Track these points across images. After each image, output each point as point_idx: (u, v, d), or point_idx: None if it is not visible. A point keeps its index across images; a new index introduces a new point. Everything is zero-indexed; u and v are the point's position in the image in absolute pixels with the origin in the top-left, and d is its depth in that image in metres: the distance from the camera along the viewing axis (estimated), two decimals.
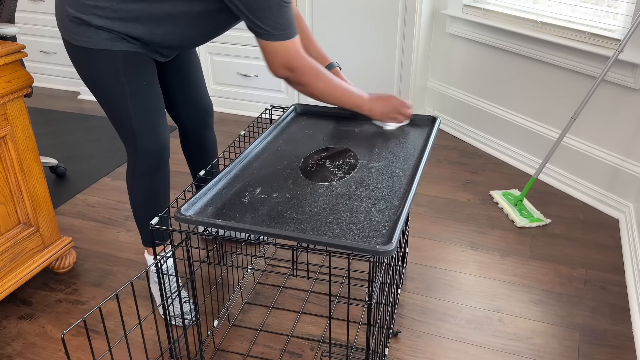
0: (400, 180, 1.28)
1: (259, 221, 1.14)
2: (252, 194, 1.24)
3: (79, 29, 1.37)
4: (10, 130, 1.59)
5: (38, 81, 3.78)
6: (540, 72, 2.40)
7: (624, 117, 2.11)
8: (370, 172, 1.32)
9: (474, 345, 1.56)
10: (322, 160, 1.39)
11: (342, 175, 1.31)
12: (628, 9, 2.05)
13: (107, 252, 1.98)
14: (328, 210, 1.17)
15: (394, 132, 1.54)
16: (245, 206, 1.20)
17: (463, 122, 2.85)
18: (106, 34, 1.37)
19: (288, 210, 1.17)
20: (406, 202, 1.17)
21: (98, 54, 1.39)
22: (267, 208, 1.18)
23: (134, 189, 1.56)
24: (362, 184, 1.27)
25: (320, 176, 1.31)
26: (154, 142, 1.49)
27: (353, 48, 2.82)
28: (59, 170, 2.51)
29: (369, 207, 1.18)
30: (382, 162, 1.37)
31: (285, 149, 1.46)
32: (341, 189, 1.25)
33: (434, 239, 2.04)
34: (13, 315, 1.69)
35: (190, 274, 1.30)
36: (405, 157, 1.39)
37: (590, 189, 2.26)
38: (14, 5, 1.96)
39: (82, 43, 1.38)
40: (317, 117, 1.65)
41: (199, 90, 1.72)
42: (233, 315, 1.68)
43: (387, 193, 1.23)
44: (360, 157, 1.39)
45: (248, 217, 1.15)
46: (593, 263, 1.90)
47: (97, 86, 1.44)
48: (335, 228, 1.10)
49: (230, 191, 1.26)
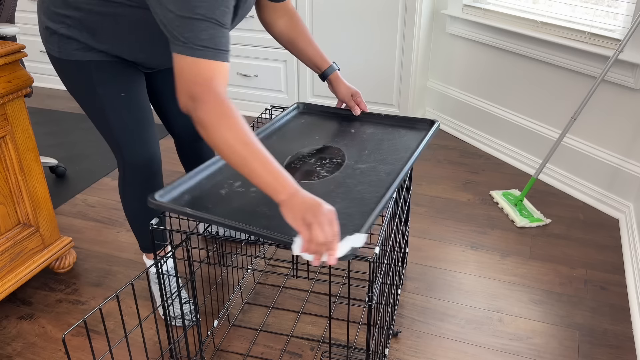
0: (381, 183, 1.26)
1: (229, 214, 1.13)
2: (231, 187, 1.24)
3: (52, 39, 1.32)
4: (10, 130, 1.59)
5: (38, 81, 3.77)
6: (540, 72, 2.40)
7: (624, 117, 2.11)
8: (354, 173, 1.31)
9: (474, 345, 1.56)
10: (309, 158, 1.39)
11: (324, 175, 1.30)
12: (628, 9, 2.05)
13: (107, 252, 1.98)
14: None
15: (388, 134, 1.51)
16: (221, 198, 1.20)
17: (463, 122, 2.85)
18: (77, 44, 1.31)
19: (260, 206, 1.17)
20: (378, 206, 1.14)
21: (71, 65, 1.33)
22: (241, 202, 1.19)
23: (125, 199, 1.54)
24: (341, 184, 1.26)
25: (303, 174, 1.31)
26: (141, 155, 1.42)
27: (353, 48, 2.82)
28: (59, 170, 2.51)
29: (342, 208, 1.16)
30: (369, 164, 1.35)
31: (277, 145, 1.46)
32: (320, 188, 1.24)
33: (434, 239, 2.04)
34: (13, 315, 1.69)
35: (191, 274, 1.29)
36: (394, 160, 1.36)
37: (590, 189, 2.26)
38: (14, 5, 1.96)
39: (55, 53, 1.33)
40: (318, 116, 1.65)
41: None
42: (233, 315, 1.68)
43: (364, 196, 1.20)
44: (348, 158, 1.38)
45: (220, 209, 1.15)
46: (593, 263, 1.90)
47: (76, 98, 1.40)
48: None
49: (211, 182, 1.26)
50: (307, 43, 1.56)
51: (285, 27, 1.54)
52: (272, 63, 3.02)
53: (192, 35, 1.01)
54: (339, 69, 1.59)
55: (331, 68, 1.57)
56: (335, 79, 1.57)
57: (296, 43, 1.55)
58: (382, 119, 1.60)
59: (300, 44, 1.55)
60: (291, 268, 1.89)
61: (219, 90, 1.03)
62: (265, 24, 1.55)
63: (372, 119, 1.61)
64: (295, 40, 1.55)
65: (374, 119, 1.61)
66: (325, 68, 1.57)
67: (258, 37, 2.97)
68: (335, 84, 1.58)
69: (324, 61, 1.57)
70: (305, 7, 2.80)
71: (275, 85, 3.08)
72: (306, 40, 1.56)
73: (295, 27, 1.55)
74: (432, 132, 1.48)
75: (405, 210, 1.68)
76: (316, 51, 1.57)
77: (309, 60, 1.57)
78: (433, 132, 1.49)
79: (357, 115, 1.62)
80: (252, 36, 2.98)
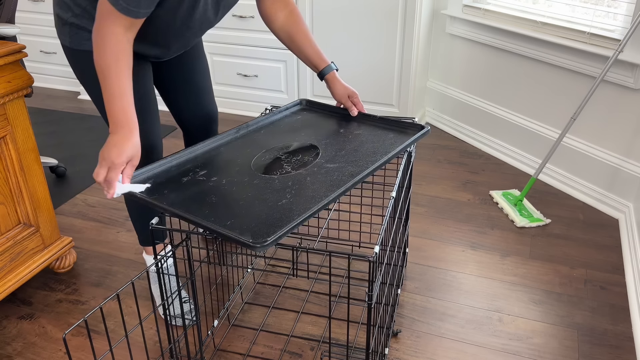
0: (339, 183, 1.24)
1: (177, 200, 1.17)
2: (195, 175, 1.28)
3: (64, 29, 1.38)
4: (10, 130, 1.59)
5: (38, 81, 3.78)
6: (540, 72, 2.40)
7: (624, 117, 2.11)
8: (318, 172, 1.30)
9: (474, 345, 1.56)
10: (282, 154, 1.39)
11: (288, 171, 1.31)
12: (628, 9, 2.06)
13: (107, 252, 1.98)
14: (247, 201, 1.18)
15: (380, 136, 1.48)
16: (180, 185, 1.23)
17: (463, 122, 2.85)
18: (87, 34, 1.36)
19: (212, 195, 1.20)
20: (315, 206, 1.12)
21: (81, 55, 1.39)
22: (196, 190, 1.21)
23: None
24: (299, 182, 1.26)
25: (268, 169, 1.32)
26: (143, 143, 1.46)
27: (353, 48, 2.82)
28: (59, 170, 2.51)
29: (286, 204, 1.17)
30: (339, 164, 1.34)
31: (260, 138, 1.47)
32: (277, 183, 1.25)
33: (434, 239, 2.04)
34: (13, 315, 1.69)
35: (191, 274, 1.30)
36: (365, 163, 1.33)
37: (590, 189, 2.26)
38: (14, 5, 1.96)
39: (67, 43, 1.39)
40: (317, 114, 1.64)
41: (202, 95, 1.66)
42: (233, 315, 1.68)
43: (316, 194, 1.20)
44: (321, 157, 1.38)
45: (173, 195, 1.19)
46: (593, 263, 1.90)
47: (84, 86, 1.45)
48: (236, 218, 1.12)
49: (179, 169, 1.30)
50: (305, 40, 1.55)
51: (285, 22, 1.54)
52: (272, 63, 3.02)
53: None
54: (337, 69, 1.57)
55: (329, 67, 1.56)
56: (333, 78, 1.56)
57: (295, 39, 1.55)
58: (376, 120, 1.58)
59: (299, 41, 1.55)
60: (291, 268, 1.89)
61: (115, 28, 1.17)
62: (264, 17, 1.56)
63: (366, 120, 1.59)
64: (294, 36, 1.54)
65: (368, 120, 1.59)
66: (323, 67, 1.56)
67: (258, 37, 2.97)
68: (332, 84, 1.57)
69: (322, 60, 1.56)
70: (305, 7, 2.80)
71: (275, 85, 3.08)
72: (305, 38, 1.55)
73: (294, 23, 1.54)
74: (413, 139, 1.43)
75: (405, 210, 1.68)
76: (314, 50, 1.56)
77: (307, 58, 1.57)
78: (416, 138, 1.43)
79: (360, 117, 1.61)
80: (252, 36, 2.98)
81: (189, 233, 1.21)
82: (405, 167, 1.50)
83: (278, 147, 1.43)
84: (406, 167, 1.52)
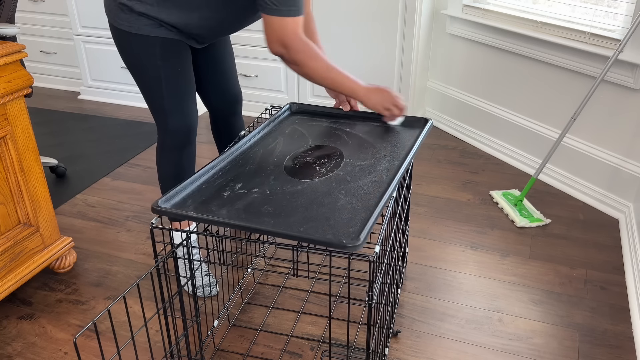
0: (382, 179, 1.28)
1: (233, 215, 1.15)
2: (233, 189, 1.25)
3: (123, 14, 1.48)
4: (10, 130, 1.59)
5: (38, 81, 3.78)
6: (540, 72, 2.40)
7: (624, 117, 2.11)
8: (353, 170, 1.32)
9: (474, 345, 1.56)
10: (308, 158, 1.40)
11: (324, 173, 1.32)
12: (628, 9, 2.06)
13: (107, 252, 1.98)
14: (304, 206, 1.17)
15: (383, 132, 1.54)
16: (224, 200, 1.21)
17: (463, 122, 2.85)
18: (147, 20, 1.47)
19: (264, 205, 1.18)
20: (382, 199, 1.17)
21: (139, 39, 1.49)
22: (244, 203, 1.20)
23: (162, 164, 1.67)
24: (343, 181, 1.27)
25: (303, 173, 1.32)
26: (182, 121, 1.59)
27: (353, 48, 2.82)
28: (59, 170, 2.51)
29: (346, 204, 1.18)
30: (368, 161, 1.37)
31: (274, 146, 1.47)
32: (321, 186, 1.26)
33: (434, 239, 2.04)
34: (13, 315, 1.69)
35: (191, 274, 1.30)
36: (391, 157, 1.39)
37: (590, 189, 2.26)
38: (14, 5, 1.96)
39: (125, 27, 1.49)
40: (311, 116, 1.66)
41: (230, 78, 1.79)
42: (233, 315, 1.68)
43: (367, 191, 1.23)
44: (346, 156, 1.39)
45: (224, 211, 1.16)
46: (593, 263, 1.90)
47: (135, 68, 1.54)
48: (307, 223, 1.11)
49: (212, 186, 1.27)
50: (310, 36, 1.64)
51: None
52: (272, 63, 3.02)
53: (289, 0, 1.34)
54: None
55: None
56: None
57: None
58: (376, 118, 1.61)
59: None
60: (291, 268, 1.89)
61: (302, 36, 1.39)
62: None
63: (366, 119, 1.62)
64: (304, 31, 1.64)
65: (368, 119, 1.62)
66: None
67: (258, 37, 2.97)
68: None
69: None
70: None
71: (275, 85, 3.08)
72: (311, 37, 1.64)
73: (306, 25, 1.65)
74: (427, 129, 1.52)
75: (405, 210, 1.68)
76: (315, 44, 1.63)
77: None
78: (428, 129, 1.53)
79: (350, 115, 1.64)
80: (252, 36, 2.98)
81: (189, 233, 1.21)
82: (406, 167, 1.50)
83: (298, 152, 1.43)
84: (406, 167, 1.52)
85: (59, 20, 3.48)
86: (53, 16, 3.49)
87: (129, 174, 2.55)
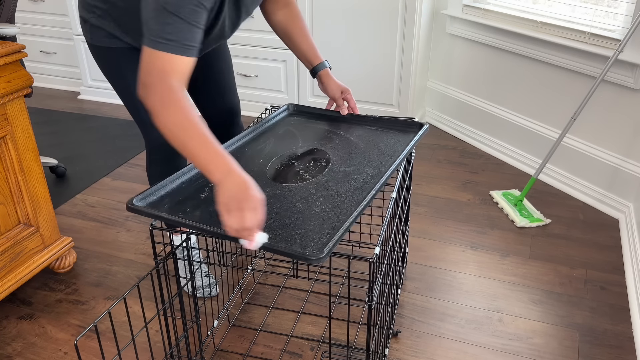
0: (364, 186, 1.23)
1: (205, 217, 1.12)
2: (212, 189, 1.23)
3: (85, 27, 1.45)
4: (10, 130, 1.59)
5: (38, 81, 3.77)
6: (540, 72, 2.40)
7: (624, 117, 2.11)
8: (337, 176, 1.28)
9: (474, 345, 1.56)
10: (293, 161, 1.37)
11: (306, 178, 1.28)
12: (628, 9, 2.05)
13: (107, 252, 1.98)
14: (278, 212, 1.14)
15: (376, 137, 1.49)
16: (200, 201, 1.18)
17: (463, 122, 2.85)
18: (104, 33, 1.43)
19: None
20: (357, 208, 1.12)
21: (101, 51, 1.45)
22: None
23: (150, 176, 1.63)
24: (323, 187, 1.24)
25: (285, 177, 1.29)
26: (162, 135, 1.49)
27: (353, 48, 2.82)
28: (59, 170, 2.51)
29: (321, 212, 1.14)
30: (354, 167, 1.33)
31: (263, 147, 1.45)
32: (301, 191, 1.22)
33: (434, 239, 2.04)
34: (13, 315, 1.69)
35: (191, 274, 1.30)
36: (378, 163, 1.34)
37: (590, 189, 2.26)
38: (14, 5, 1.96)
39: (88, 40, 1.46)
40: (308, 118, 1.64)
41: (225, 89, 1.70)
42: (233, 315, 1.68)
43: (345, 199, 1.18)
44: (333, 161, 1.36)
45: (197, 213, 1.14)
46: (593, 263, 1.90)
47: (108, 80, 1.51)
48: (277, 230, 1.07)
49: (192, 185, 1.25)
50: (302, 37, 1.56)
51: (283, 19, 1.56)
52: (272, 63, 3.02)
53: (159, 28, 1.06)
54: (330, 67, 1.58)
55: (322, 64, 1.57)
56: (326, 75, 1.57)
57: (291, 35, 1.56)
58: (372, 121, 1.58)
59: (295, 37, 1.56)
60: (291, 268, 1.89)
61: (169, 81, 1.06)
62: (264, 12, 1.58)
63: (362, 122, 1.59)
64: (290, 32, 1.56)
65: (363, 122, 1.59)
66: (317, 64, 1.57)
67: (258, 37, 2.97)
68: (326, 80, 1.57)
69: (316, 57, 1.57)
70: (305, 7, 2.80)
71: (275, 85, 3.08)
72: (301, 34, 1.56)
73: (293, 20, 1.56)
74: (419, 136, 1.45)
75: (405, 210, 1.68)
76: (310, 46, 1.57)
77: (301, 54, 1.58)
78: (420, 136, 1.46)
79: (347, 118, 1.60)
80: (252, 36, 2.98)
81: (188, 233, 1.21)
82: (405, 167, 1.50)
83: (285, 154, 1.40)
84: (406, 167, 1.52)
85: (59, 20, 3.48)
86: (53, 16, 3.49)
87: (129, 174, 2.55)
